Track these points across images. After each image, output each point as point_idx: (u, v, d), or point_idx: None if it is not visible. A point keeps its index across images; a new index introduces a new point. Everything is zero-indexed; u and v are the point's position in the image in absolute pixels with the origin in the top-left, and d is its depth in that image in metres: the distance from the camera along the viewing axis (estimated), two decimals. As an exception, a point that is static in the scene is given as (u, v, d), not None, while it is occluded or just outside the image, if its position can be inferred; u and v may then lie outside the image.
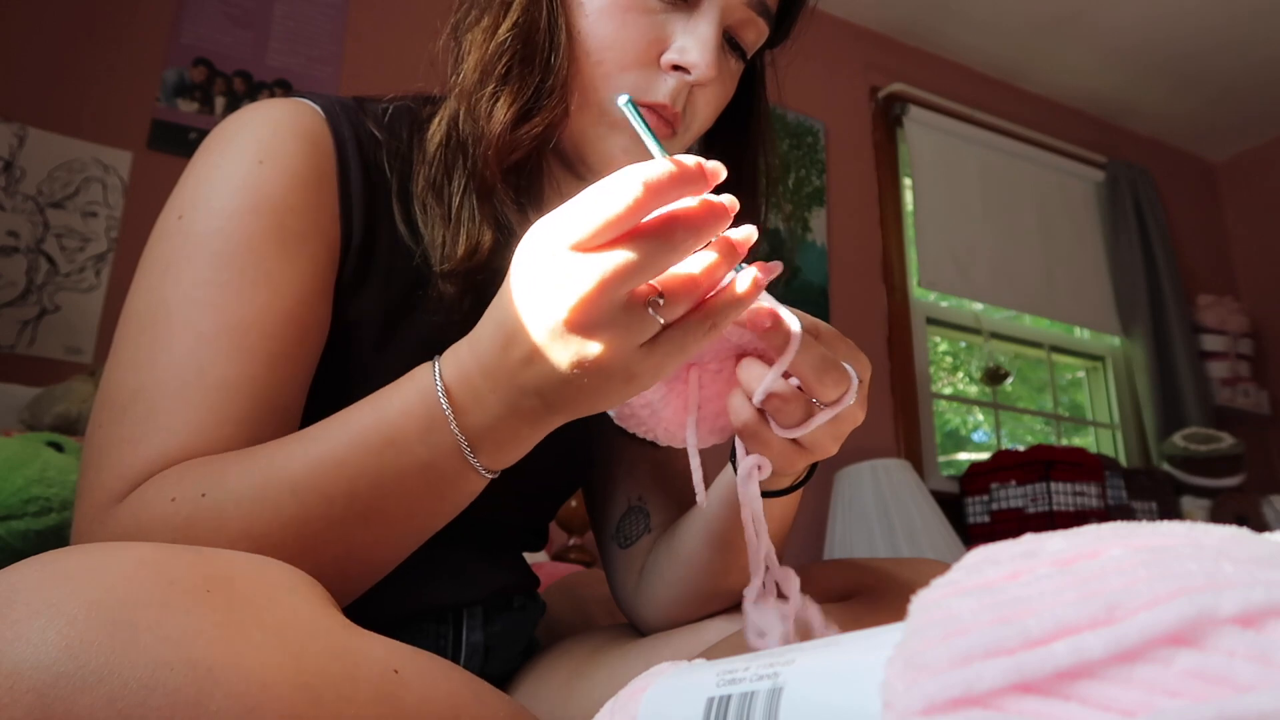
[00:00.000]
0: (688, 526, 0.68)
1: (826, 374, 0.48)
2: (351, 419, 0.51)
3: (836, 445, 0.52)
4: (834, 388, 0.48)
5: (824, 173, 2.88)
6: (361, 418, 0.51)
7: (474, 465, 0.50)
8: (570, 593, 1.01)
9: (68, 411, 1.46)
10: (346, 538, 0.50)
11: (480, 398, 0.48)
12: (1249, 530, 0.25)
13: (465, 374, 0.49)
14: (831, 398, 0.49)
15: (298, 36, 2.22)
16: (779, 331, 0.47)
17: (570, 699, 0.68)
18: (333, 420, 0.51)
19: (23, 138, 1.88)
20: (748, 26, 0.65)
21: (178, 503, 0.49)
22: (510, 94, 0.61)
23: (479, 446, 0.49)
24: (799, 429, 0.49)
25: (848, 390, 0.49)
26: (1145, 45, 3.11)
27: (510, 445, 0.50)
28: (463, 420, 0.49)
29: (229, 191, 0.57)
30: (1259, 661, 0.21)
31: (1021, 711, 0.22)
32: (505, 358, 0.47)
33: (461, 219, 0.63)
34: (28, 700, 0.31)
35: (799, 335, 0.47)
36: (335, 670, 0.37)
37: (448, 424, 0.49)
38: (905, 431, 2.74)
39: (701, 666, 0.36)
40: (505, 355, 0.47)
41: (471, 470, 0.50)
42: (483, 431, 0.49)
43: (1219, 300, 3.40)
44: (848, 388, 0.49)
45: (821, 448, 0.52)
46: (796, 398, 0.48)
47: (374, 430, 0.50)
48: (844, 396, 0.49)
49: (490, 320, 0.48)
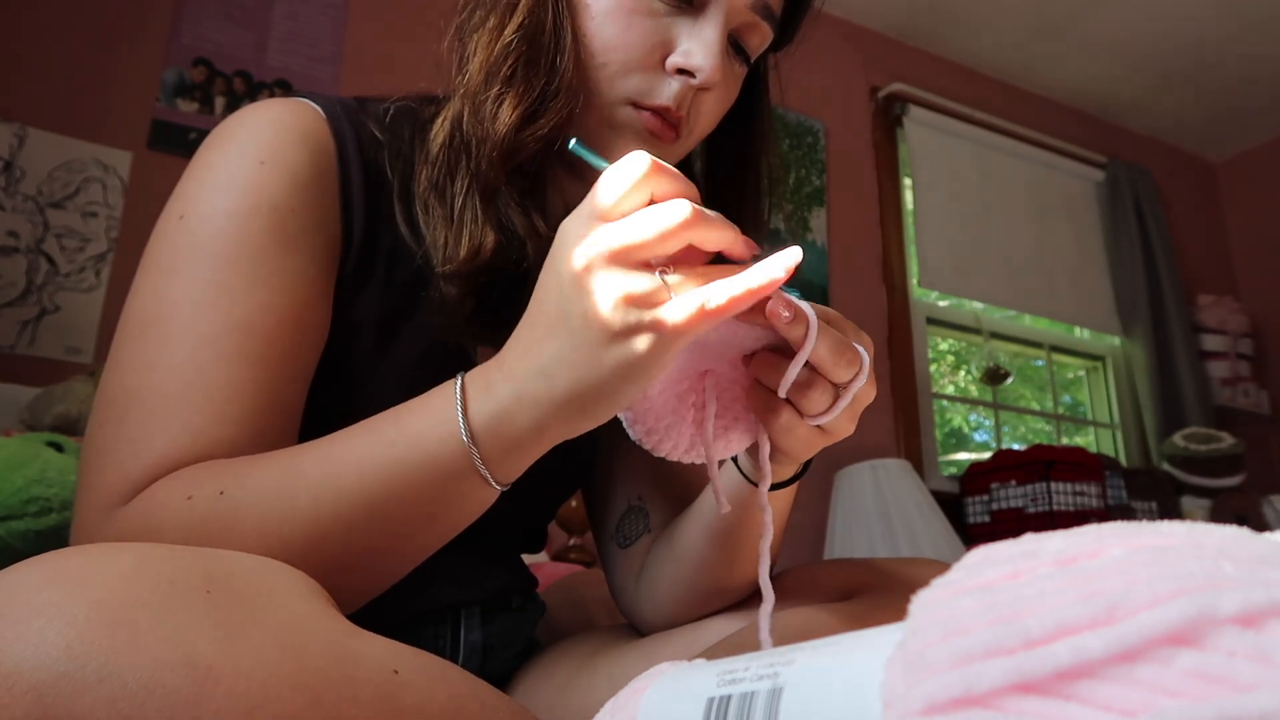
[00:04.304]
0: (687, 526, 0.68)
1: (841, 356, 0.48)
2: (373, 423, 0.52)
3: (854, 425, 0.53)
4: (848, 369, 0.49)
5: (824, 173, 2.88)
6: (382, 422, 0.52)
7: (482, 473, 0.50)
8: (570, 593, 1.01)
9: (68, 411, 1.46)
10: (353, 541, 0.50)
11: (491, 386, 0.49)
12: (1249, 530, 0.25)
13: (484, 370, 0.50)
14: (846, 379, 0.50)
15: (298, 36, 2.22)
16: (799, 322, 0.47)
17: (570, 699, 0.68)
18: (357, 425, 0.52)
19: (23, 138, 1.89)
20: (752, 30, 0.65)
21: (194, 501, 0.49)
22: (516, 96, 0.61)
23: (483, 442, 0.49)
24: (827, 414, 0.50)
25: (861, 370, 0.50)
26: (1145, 45, 3.11)
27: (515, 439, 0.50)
28: (470, 412, 0.49)
29: (229, 192, 0.57)
30: (1259, 661, 0.21)
31: (1022, 711, 0.22)
32: (517, 342, 0.49)
33: (464, 220, 0.63)
34: (27, 700, 0.31)
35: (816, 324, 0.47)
36: (335, 671, 0.37)
37: (456, 418, 0.49)
38: (905, 431, 2.74)
39: (701, 666, 0.36)
40: (517, 340, 0.49)
41: (479, 478, 0.50)
42: (489, 424, 0.49)
43: (1219, 300, 3.40)
44: (861, 367, 0.50)
45: (841, 429, 0.53)
46: (821, 384, 0.49)
47: (391, 432, 0.51)
48: (859, 376, 0.50)
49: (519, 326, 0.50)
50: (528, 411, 0.48)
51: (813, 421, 0.51)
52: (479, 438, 0.49)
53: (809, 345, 0.47)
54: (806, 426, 0.51)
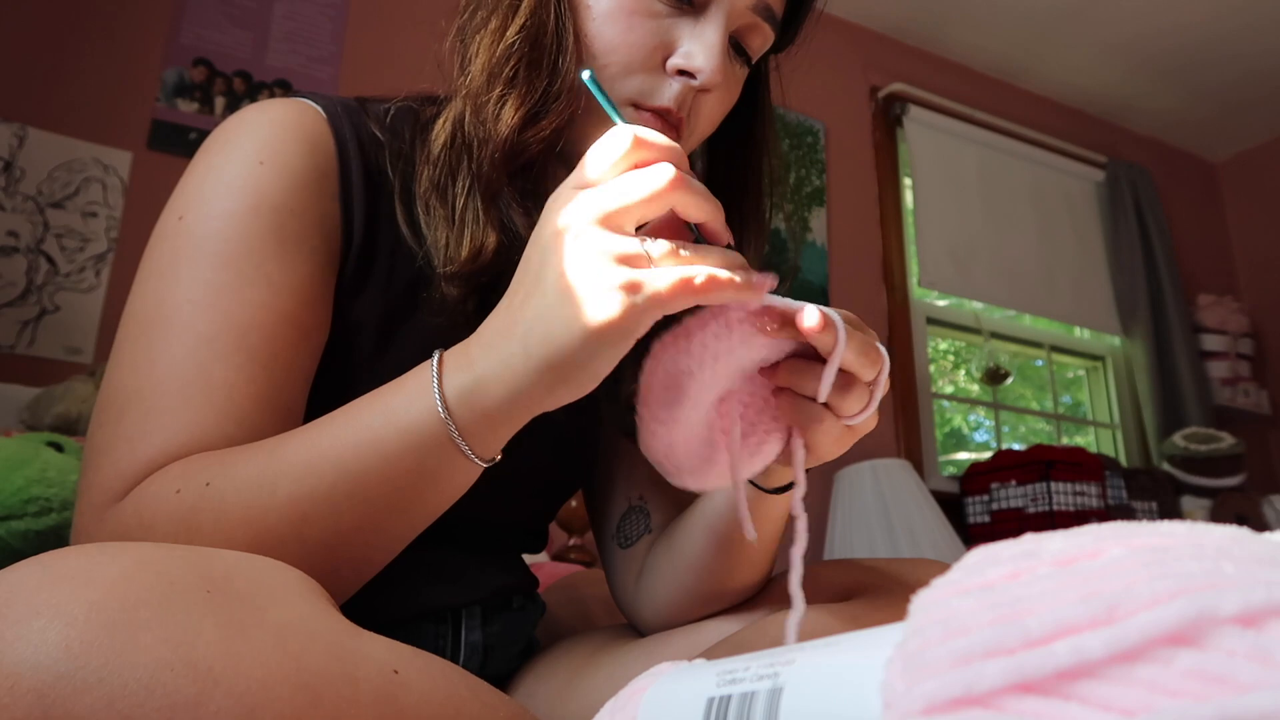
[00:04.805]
0: (687, 529, 0.68)
1: (866, 356, 0.50)
2: (355, 404, 0.52)
3: (876, 420, 0.54)
4: (872, 367, 0.50)
5: (824, 173, 2.88)
6: (363, 402, 0.52)
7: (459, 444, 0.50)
8: (570, 593, 1.01)
9: (68, 411, 1.46)
10: (338, 521, 0.50)
11: (468, 357, 0.50)
12: (1249, 530, 0.25)
13: (463, 344, 0.51)
14: (871, 376, 0.51)
15: (298, 36, 2.22)
16: (831, 330, 0.48)
17: (570, 699, 0.68)
18: (340, 409, 0.52)
19: (23, 138, 1.88)
20: (754, 31, 0.65)
21: (182, 494, 0.49)
22: (518, 97, 0.61)
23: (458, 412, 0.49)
24: (864, 413, 0.52)
25: (884, 366, 0.51)
26: (1145, 45, 3.11)
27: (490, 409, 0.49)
28: (445, 383, 0.49)
29: (229, 192, 0.57)
30: (1259, 661, 0.21)
31: (1021, 711, 0.22)
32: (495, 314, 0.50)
33: (465, 220, 0.63)
34: (27, 701, 0.31)
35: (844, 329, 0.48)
36: (335, 671, 0.37)
37: (432, 390, 0.49)
38: (905, 431, 2.74)
39: (701, 666, 0.36)
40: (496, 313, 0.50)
41: (456, 451, 0.50)
42: (463, 395, 0.49)
43: (1219, 300, 3.40)
44: (883, 364, 0.51)
45: (868, 425, 0.54)
46: (858, 385, 0.51)
47: (369, 411, 0.51)
48: (882, 372, 0.51)
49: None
50: (503, 379, 0.48)
51: (850, 421, 0.52)
52: (453, 408, 0.49)
53: (839, 351, 0.48)
54: (841, 426, 0.52)
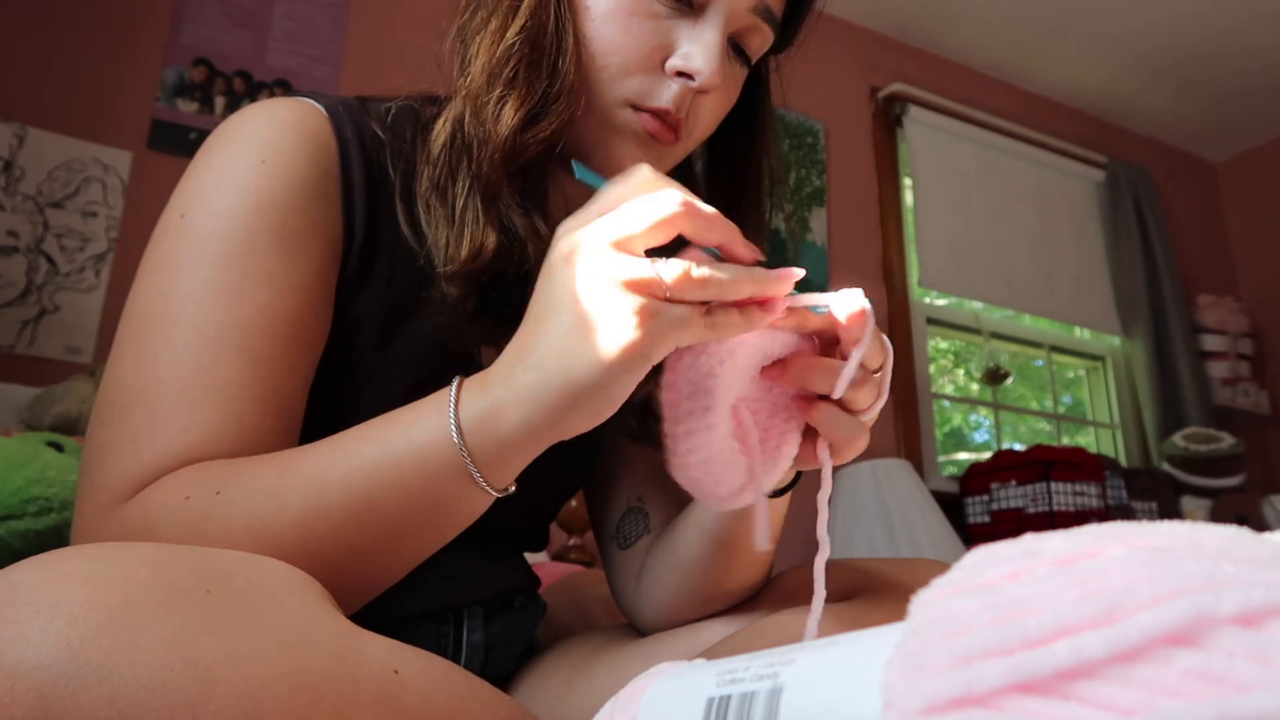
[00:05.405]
0: (687, 529, 0.68)
1: (875, 343, 0.50)
2: (371, 423, 0.52)
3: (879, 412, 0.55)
4: (879, 355, 0.51)
5: (824, 173, 2.88)
6: (379, 422, 0.52)
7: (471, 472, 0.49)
8: (570, 593, 1.01)
9: (68, 411, 1.46)
10: (344, 540, 0.50)
11: (485, 384, 0.50)
12: (1249, 530, 0.25)
13: (483, 373, 0.51)
14: (878, 364, 0.51)
15: (298, 36, 2.22)
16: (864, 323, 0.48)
17: (570, 699, 0.68)
18: (356, 426, 0.52)
19: (23, 138, 1.88)
20: (753, 33, 0.65)
21: (191, 500, 0.49)
22: (518, 98, 0.61)
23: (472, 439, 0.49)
24: (876, 407, 0.52)
25: (889, 355, 0.52)
26: (1145, 45, 3.11)
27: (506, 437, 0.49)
28: (461, 408, 0.49)
29: (231, 191, 0.57)
30: (1259, 661, 0.21)
31: (1021, 711, 0.22)
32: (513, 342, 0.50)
33: (465, 220, 0.63)
34: (28, 700, 0.31)
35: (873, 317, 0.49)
36: (335, 670, 0.37)
37: (447, 414, 0.49)
38: (905, 431, 2.74)
39: (701, 666, 0.36)
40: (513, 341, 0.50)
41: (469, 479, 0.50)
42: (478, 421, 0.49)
43: (1219, 300, 3.40)
44: (889, 353, 0.52)
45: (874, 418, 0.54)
46: (869, 378, 0.51)
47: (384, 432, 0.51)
48: (888, 361, 0.52)
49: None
50: (520, 406, 0.48)
51: (863, 416, 0.52)
52: (468, 434, 0.49)
53: (862, 345, 0.48)
54: (855, 422, 0.52)
